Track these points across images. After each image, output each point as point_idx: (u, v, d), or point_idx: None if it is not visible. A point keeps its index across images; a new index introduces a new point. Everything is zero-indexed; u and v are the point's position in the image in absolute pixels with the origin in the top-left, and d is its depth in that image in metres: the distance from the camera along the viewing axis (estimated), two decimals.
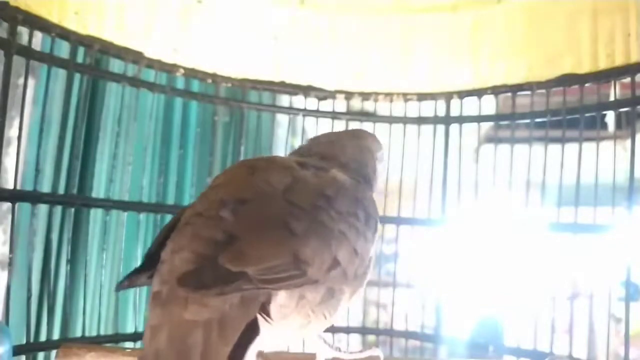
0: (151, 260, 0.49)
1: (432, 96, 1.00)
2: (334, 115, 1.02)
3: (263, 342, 0.47)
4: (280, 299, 0.47)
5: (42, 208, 0.81)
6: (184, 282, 0.43)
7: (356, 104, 1.04)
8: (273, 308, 0.46)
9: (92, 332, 0.84)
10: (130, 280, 0.51)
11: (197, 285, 0.42)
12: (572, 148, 0.84)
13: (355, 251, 0.51)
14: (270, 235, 0.46)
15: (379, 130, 1.02)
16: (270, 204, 0.48)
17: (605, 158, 0.81)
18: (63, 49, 0.83)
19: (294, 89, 1.01)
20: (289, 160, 0.57)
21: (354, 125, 1.02)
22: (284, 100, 1.03)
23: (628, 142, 0.78)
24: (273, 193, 0.49)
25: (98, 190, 0.95)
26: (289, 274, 0.45)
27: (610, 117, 1.01)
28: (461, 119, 0.98)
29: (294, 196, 0.49)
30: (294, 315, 0.48)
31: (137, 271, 0.51)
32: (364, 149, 0.66)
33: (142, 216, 0.91)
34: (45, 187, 0.83)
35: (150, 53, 0.91)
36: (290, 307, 0.48)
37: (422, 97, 1.00)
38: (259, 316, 0.45)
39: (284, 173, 0.52)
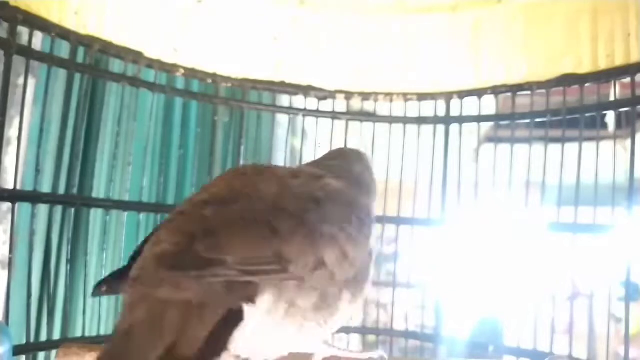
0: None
1: (432, 96, 0.99)
2: (334, 115, 1.02)
3: (252, 338, 0.47)
4: (268, 300, 0.47)
5: (42, 208, 0.81)
6: (162, 263, 0.44)
7: (356, 104, 1.04)
8: (260, 305, 0.46)
9: (92, 332, 0.84)
10: (110, 285, 0.51)
11: (175, 266, 0.43)
12: (572, 148, 0.84)
13: (345, 254, 0.51)
14: (250, 231, 0.47)
15: (379, 130, 1.02)
16: (255, 206, 0.49)
17: (605, 158, 0.81)
18: (63, 49, 0.83)
19: (294, 89, 1.01)
20: (282, 169, 0.57)
21: (354, 125, 1.02)
22: (284, 100, 1.03)
23: (628, 142, 0.78)
24: (259, 198, 0.50)
25: (98, 190, 0.95)
26: (271, 267, 0.46)
27: (610, 117, 1.01)
28: (461, 119, 0.98)
29: (282, 201, 0.50)
30: (286, 322, 0.48)
31: (119, 275, 0.50)
32: (365, 168, 0.67)
33: (142, 216, 0.91)
34: (45, 187, 0.83)
35: (150, 53, 0.91)
36: (280, 314, 0.48)
37: (422, 97, 1.00)
38: (245, 306, 0.45)
39: (273, 181, 0.52)
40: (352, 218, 0.54)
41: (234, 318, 0.44)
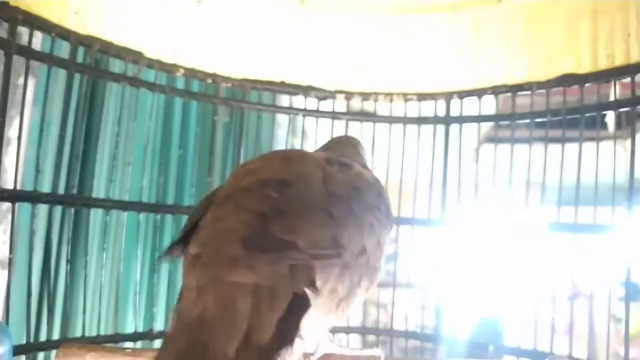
0: (185, 239, 0.49)
1: (432, 96, 0.99)
2: (334, 115, 1.02)
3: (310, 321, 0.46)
4: (318, 285, 0.46)
5: (42, 208, 0.81)
6: (242, 242, 0.42)
7: (356, 104, 1.04)
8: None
9: (92, 332, 0.84)
10: (169, 253, 0.50)
11: (253, 246, 0.42)
12: (572, 148, 0.84)
13: (379, 242, 0.53)
14: (313, 214, 0.47)
15: (379, 130, 1.02)
16: (310, 189, 0.49)
17: (605, 158, 0.81)
18: (63, 49, 0.83)
19: (294, 89, 1.01)
20: (318, 155, 0.58)
21: (354, 125, 1.02)
22: (284, 100, 1.03)
23: (628, 142, 0.78)
24: (312, 182, 0.50)
25: (98, 190, 0.95)
26: (329, 252, 0.47)
27: (610, 117, 1.00)
28: (461, 119, 0.98)
29: (330, 186, 0.51)
30: (320, 307, 0.48)
31: (172, 245, 0.50)
32: (362, 154, 0.70)
33: (142, 216, 0.91)
34: (45, 187, 0.83)
35: (150, 53, 0.91)
36: (320, 299, 0.47)
37: (422, 97, 1.00)
38: (307, 290, 0.44)
39: (317, 166, 0.53)
40: (381, 207, 0.55)
41: (300, 302, 0.43)
